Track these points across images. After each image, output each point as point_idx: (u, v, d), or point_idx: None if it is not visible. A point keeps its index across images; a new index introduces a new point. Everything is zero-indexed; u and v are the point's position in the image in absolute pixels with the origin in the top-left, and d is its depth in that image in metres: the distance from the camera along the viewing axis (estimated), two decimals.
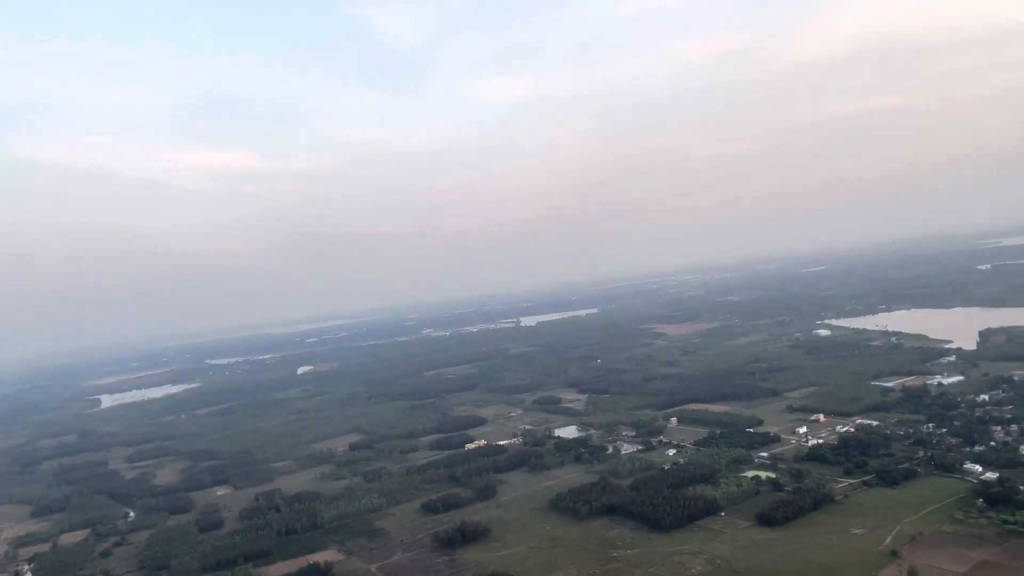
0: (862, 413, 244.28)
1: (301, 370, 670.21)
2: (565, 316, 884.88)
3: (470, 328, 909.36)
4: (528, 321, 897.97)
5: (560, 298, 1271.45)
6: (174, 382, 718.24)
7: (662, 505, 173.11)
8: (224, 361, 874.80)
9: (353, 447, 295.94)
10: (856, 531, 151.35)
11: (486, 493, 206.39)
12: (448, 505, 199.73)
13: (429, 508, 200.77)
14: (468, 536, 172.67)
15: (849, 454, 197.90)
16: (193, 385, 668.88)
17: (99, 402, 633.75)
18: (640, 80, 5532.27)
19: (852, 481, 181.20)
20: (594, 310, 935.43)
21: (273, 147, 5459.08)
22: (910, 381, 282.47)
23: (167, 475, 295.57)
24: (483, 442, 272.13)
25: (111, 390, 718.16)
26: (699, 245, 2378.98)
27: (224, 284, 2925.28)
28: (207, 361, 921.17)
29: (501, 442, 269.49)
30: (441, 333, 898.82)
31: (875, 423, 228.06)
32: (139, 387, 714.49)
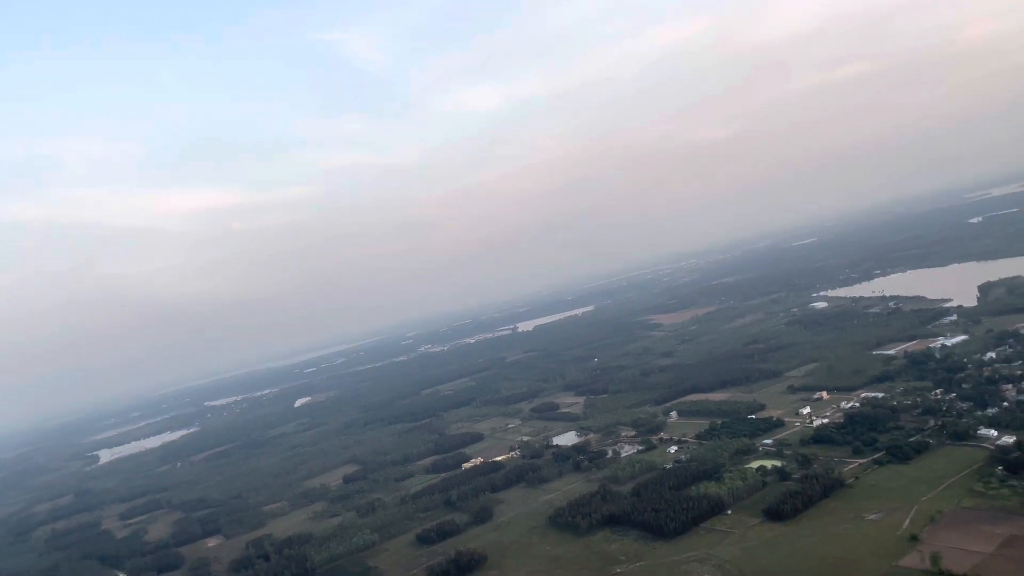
0: (866, 386, 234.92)
1: (299, 403, 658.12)
2: (562, 317, 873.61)
3: (468, 340, 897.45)
4: (525, 326, 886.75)
5: (556, 299, 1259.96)
6: (172, 429, 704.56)
7: (665, 510, 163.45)
8: (222, 401, 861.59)
9: (347, 479, 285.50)
10: (871, 516, 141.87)
11: (482, 516, 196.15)
12: (443, 534, 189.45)
13: (424, 539, 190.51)
14: (463, 567, 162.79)
15: (856, 432, 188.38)
16: (191, 430, 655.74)
17: (98, 458, 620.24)
18: (613, 75, 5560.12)
19: (862, 461, 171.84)
20: (590, 307, 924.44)
21: (257, 182, 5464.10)
22: (912, 346, 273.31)
23: (159, 530, 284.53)
24: (479, 460, 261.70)
25: (111, 444, 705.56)
26: (689, 231, 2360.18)
27: (221, 322, 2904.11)
28: (206, 403, 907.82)
29: (498, 458, 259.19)
30: (439, 348, 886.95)
31: (880, 395, 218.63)
32: (138, 438, 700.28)
